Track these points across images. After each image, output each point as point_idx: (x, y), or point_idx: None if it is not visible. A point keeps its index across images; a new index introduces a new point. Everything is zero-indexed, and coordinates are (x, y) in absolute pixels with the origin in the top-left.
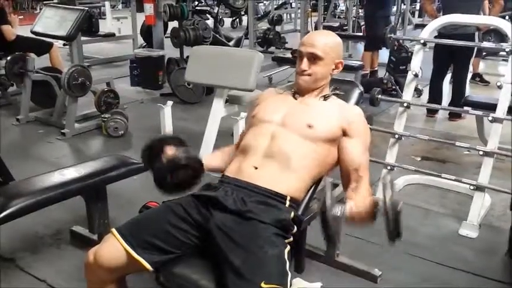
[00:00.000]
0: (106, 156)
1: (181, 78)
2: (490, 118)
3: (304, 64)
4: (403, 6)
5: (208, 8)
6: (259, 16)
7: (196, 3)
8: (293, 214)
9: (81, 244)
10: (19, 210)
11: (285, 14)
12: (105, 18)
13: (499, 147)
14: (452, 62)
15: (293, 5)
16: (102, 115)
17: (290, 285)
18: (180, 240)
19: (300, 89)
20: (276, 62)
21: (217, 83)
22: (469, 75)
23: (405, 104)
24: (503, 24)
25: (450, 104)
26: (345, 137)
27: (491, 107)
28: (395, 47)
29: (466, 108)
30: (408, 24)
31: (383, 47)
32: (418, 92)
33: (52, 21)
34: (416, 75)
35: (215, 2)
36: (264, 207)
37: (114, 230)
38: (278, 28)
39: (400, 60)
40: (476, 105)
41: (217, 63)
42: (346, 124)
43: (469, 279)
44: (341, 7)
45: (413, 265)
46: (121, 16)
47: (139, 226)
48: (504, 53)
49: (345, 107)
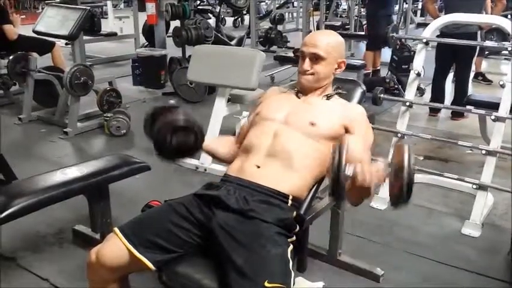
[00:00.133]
0: (108, 155)
1: (183, 77)
2: (493, 117)
3: (306, 64)
4: (405, 5)
5: (210, 7)
6: (261, 15)
7: (198, 2)
8: (295, 213)
9: (83, 243)
10: (21, 209)
11: (287, 13)
12: (107, 17)
13: (502, 146)
14: (454, 61)
15: (295, 4)
16: (104, 114)
17: (293, 284)
18: (183, 239)
19: (303, 89)
20: (278, 61)
21: (219, 82)
22: (472, 74)
23: (408, 103)
24: (505, 23)
25: (453, 103)
26: (347, 134)
27: (493, 106)
28: (397, 46)
29: (469, 107)
30: (410, 23)
31: (385, 46)
32: (421, 91)
33: (54, 20)
34: (418, 74)
35: (217, 1)
36: (267, 206)
37: (116, 229)
38: (280, 27)
39: (403, 59)
40: (478, 104)
41: (219, 62)
42: (348, 122)
43: (472, 278)
44: (343, 6)
45: (415, 264)
46: (123, 15)
47: (141, 225)
48: (506, 52)
49: (348, 106)
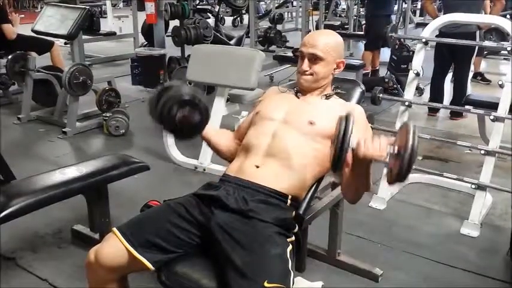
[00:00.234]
0: (107, 155)
1: (182, 77)
2: (492, 117)
3: (305, 64)
4: (404, 5)
5: (209, 7)
6: (260, 15)
7: (197, 1)
8: (294, 213)
9: (82, 243)
10: (20, 209)
11: (286, 13)
12: (106, 17)
13: (501, 146)
14: (453, 61)
15: (294, 4)
16: (103, 114)
17: (292, 284)
18: (182, 239)
19: (302, 89)
20: (277, 61)
21: (218, 82)
22: (471, 74)
23: (406, 103)
24: (504, 23)
25: (451, 103)
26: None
27: (492, 106)
28: (396, 46)
29: (468, 107)
30: (409, 23)
31: (384, 46)
32: (420, 91)
33: (53, 20)
34: (417, 74)
35: (216, 1)
36: (266, 206)
37: (115, 229)
38: (279, 27)
39: (402, 59)
40: (477, 104)
41: (218, 62)
42: None
43: (471, 278)
44: (342, 6)
45: (414, 264)
46: (122, 15)
47: (140, 225)
48: (505, 52)
49: (347, 106)
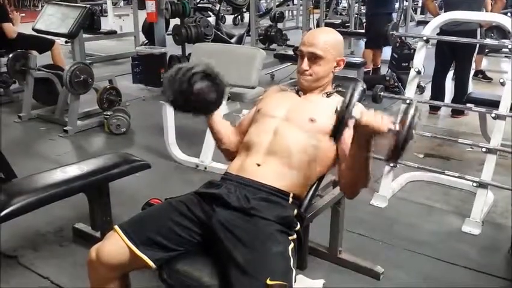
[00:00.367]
0: (108, 153)
1: None
2: (493, 115)
3: (304, 64)
4: (405, 3)
5: (210, 5)
6: (261, 13)
7: (198, 0)
8: (296, 211)
9: (83, 241)
10: (21, 207)
11: (287, 11)
12: (106, 15)
13: (502, 144)
14: (454, 59)
15: (295, 2)
16: (104, 112)
17: (294, 281)
18: (183, 237)
19: (303, 88)
20: (278, 59)
21: None
22: (472, 72)
23: (408, 101)
24: (505, 20)
25: (453, 101)
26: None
27: (494, 104)
28: (397, 44)
29: (469, 105)
30: (410, 21)
31: (385, 45)
32: (421, 89)
33: (54, 18)
34: (418, 72)
35: None
36: (267, 204)
37: (116, 227)
38: (280, 25)
39: (403, 57)
40: (479, 102)
41: (219, 60)
42: None
43: (472, 276)
44: (343, 4)
45: (415, 262)
46: (123, 13)
47: (142, 223)
48: (507, 50)
49: None
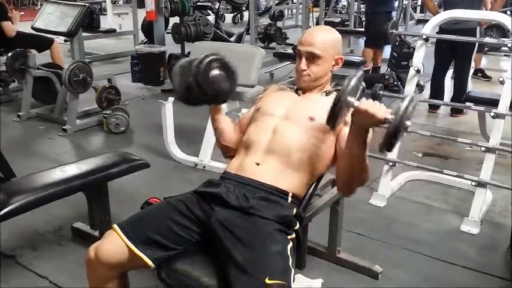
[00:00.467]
0: (107, 152)
1: None
2: (492, 114)
3: (303, 63)
4: (405, 1)
5: (209, 4)
6: (260, 12)
7: None
8: (295, 210)
9: (82, 241)
10: (20, 207)
11: (286, 10)
12: (106, 14)
13: (501, 143)
14: (454, 58)
15: (294, 1)
16: (103, 111)
17: (293, 281)
18: (182, 236)
19: (301, 88)
20: (277, 58)
21: None
22: (471, 70)
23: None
24: (505, 19)
25: (452, 100)
26: (344, 126)
27: (493, 103)
28: (397, 43)
29: (468, 103)
30: (410, 19)
31: (385, 44)
32: (420, 88)
33: (53, 17)
34: (418, 70)
35: None
36: (267, 203)
37: (115, 226)
38: (279, 24)
39: (402, 55)
40: (478, 100)
41: None
42: (346, 117)
43: (471, 275)
44: (342, 2)
45: (414, 261)
46: (122, 12)
47: (140, 222)
48: (506, 48)
49: None
